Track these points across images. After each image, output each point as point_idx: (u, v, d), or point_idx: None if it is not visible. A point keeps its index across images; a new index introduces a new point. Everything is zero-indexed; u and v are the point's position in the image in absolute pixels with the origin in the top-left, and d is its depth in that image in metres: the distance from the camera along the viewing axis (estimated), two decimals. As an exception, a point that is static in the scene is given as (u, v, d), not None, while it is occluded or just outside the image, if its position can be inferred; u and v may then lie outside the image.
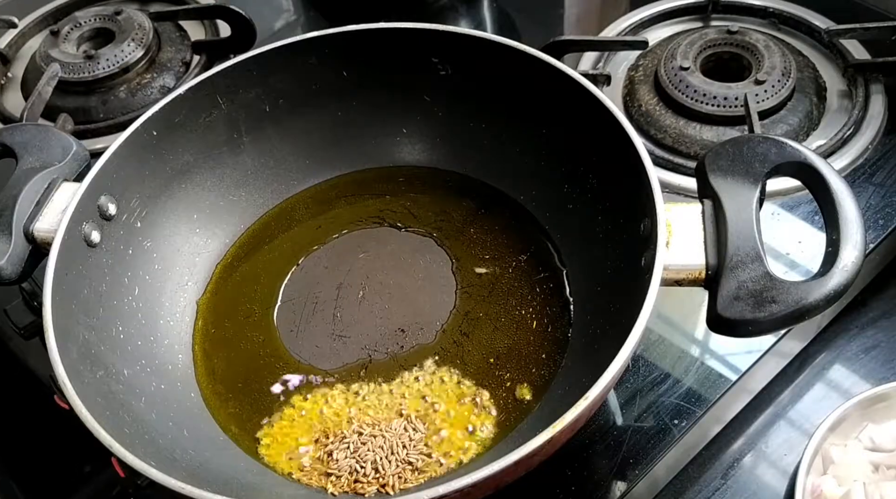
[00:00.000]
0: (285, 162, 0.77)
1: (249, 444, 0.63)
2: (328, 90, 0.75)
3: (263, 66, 0.72)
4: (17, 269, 0.62)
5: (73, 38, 0.95)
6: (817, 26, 0.87)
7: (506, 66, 0.69)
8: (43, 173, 0.64)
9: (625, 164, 0.59)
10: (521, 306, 0.68)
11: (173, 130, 0.70)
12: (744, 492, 0.64)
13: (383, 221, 0.76)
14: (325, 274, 0.73)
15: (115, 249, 0.66)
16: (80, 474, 0.67)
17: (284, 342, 0.69)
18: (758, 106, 0.76)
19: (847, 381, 0.70)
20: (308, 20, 1.06)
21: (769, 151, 0.56)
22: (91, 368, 0.58)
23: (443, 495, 0.46)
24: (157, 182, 0.70)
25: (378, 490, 0.59)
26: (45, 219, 0.62)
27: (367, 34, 0.72)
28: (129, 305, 0.66)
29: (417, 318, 0.69)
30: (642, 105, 0.82)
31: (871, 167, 0.76)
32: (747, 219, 0.54)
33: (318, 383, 0.66)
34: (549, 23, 1.00)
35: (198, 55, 0.96)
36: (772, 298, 0.50)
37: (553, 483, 0.60)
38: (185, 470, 0.55)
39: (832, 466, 0.60)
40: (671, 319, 0.69)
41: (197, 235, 0.74)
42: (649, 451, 0.62)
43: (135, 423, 0.57)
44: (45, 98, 0.85)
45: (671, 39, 0.87)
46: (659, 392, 0.65)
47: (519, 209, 0.74)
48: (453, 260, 0.72)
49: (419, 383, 0.64)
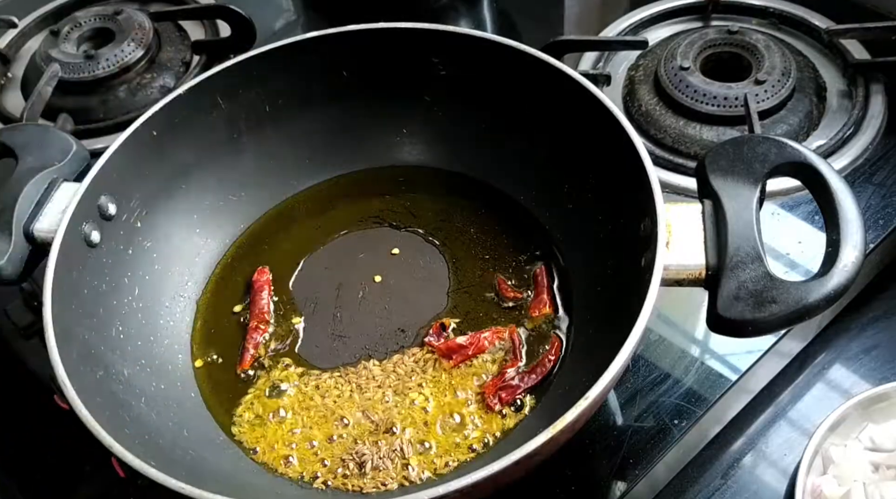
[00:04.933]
0: (285, 162, 0.77)
1: (249, 443, 0.63)
2: (328, 90, 0.75)
3: (263, 66, 0.72)
4: (17, 269, 0.62)
5: (73, 38, 0.95)
6: (817, 26, 0.87)
7: (506, 67, 0.69)
8: (43, 173, 0.64)
9: (625, 164, 0.59)
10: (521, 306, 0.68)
11: (173, 130, 0.70)
12: (744, 492, 0.64)
13: (383, 221, 0.76)
14: (325, 274, 0.73)
15: (115, 249, 0.66)
16: (80, 474, 0.67)
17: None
18: (758, 106, 0.76)
19: (847, 381, 0.70)
20: (308, 20, 1.06)
21: (769, 151, 0.56)
22: (91, 368, 0.58)
23: (443, 495, 0.46)
24: (157, 182, 0.70)
25: (377, 488, 0.59)
26: (45, 219, 0.63)
27: (367, 34, 0.72)
28: (129, 305, 0.66)
29: (417, 318, 0.69)
30: (642, 105, 0.82)
31: (871, 167, 0.76)
32: (747, 219, 0.54)
33: (318, 382, 0.65)
34: (549, 23, 1.00)
35: (198, 55, 0.96)
36: (772, 298, 0.50)
37: (553, 483, 0.60)
38: (185, 470, 0.54)
39: (832, 466, 0.60)
40: (671, 319, 0.69)
41: (197, 235, 0.74)
42: (649, 451, 0.62)
43: (135, 423, 0.57)
44: (45, 98, 0.86)
45: (671, 39, 0.87)
46: (659, 392, 0.65)
47: (519, 209, 0.74)
48: (453, 260, 0.72)
49: (419, 383, 0.64)
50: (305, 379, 0.66)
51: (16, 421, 0.71)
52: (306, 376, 0.66)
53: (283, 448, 0.62)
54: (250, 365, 0.67)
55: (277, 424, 0.63)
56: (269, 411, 0.64)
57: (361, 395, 0.64)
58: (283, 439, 0.62)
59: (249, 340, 0.68)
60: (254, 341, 0.68)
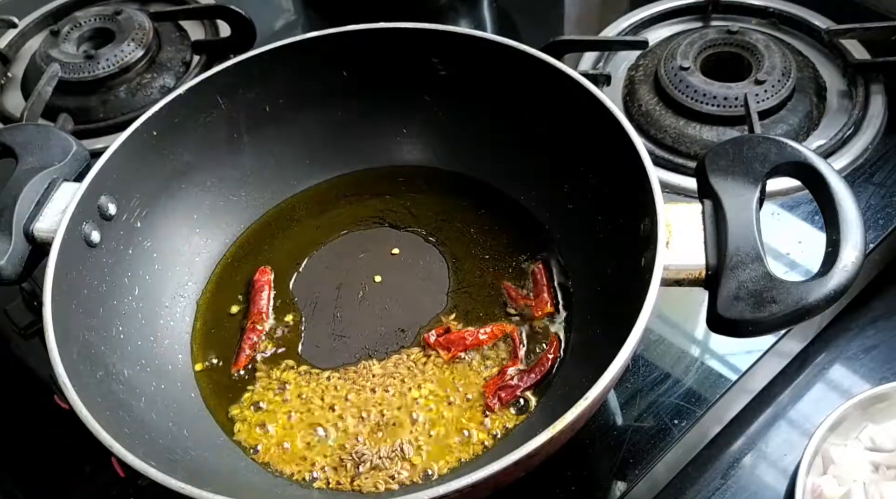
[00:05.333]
0: (285, 162, 0.77)
1: (249, 443, 0.63)
2: (328, 90, 0.75)
3: (263, 65, 0.72)
4: (17, 269, 0.62)
5: (73, 38, 0.95)
6: (817, 26, 0.87)
7: (506, 67, 0.69)
8: (43, 173, 0.64)
9: (625, 164, 0.59)
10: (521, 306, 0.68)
11: (173, 130, 0.70)
12: (744, 492, 0.64)
13: (383, 221, 0.76)
14: (325, 274, 0.73)
15: (115, 249, 0.66)
16: (80, 474, 0.67)
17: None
18: (758, 106, 0.76)
19: (847, 381, 0.70)
20: (308, 20, 1.06)
21: (769, 151, 0.56)
22: (91, 368, 0.58)
23: (443, 495, 0.46)
24: (157, 182, 0.70)
25: (377, 488, 0.59)
26: (45, 219, 0.63)
27: (367, 34, 0.72)
28: (129, 305, 0.66)
29: (417, 318, 0.69)
30: (642, 105, 0.82)
31: (871, 167, 0.76)
32: (747, 219, 0.54)
33: (319, 382, 0.65)
34: (549, 23, 1.00)
35: (198, 55, 0.96)
36: (772, 298, 0.50)
37: (553, 483, 0.60)
38: (185, 470, 0.55)
39: (832, 466, 0.60)
40: (671, 319, 0.69)
41: (197, 235, 0.74)
42: (649, 451, 0.62)
43: (135, 423, 0.57)
44: (45, 98, 0.86)
45: (671, 39, 0.87)
46: (659, 392, 0.65)
47: (519, 209, 0.74)
48: (453, 260, 0.72)
49: (419, 383, 0.64)
50: (305, 379, 0.66)
51: (16, 421, 0.71)
52: (306, 375, 0.66)
53: (283, 448, 0.62)
54: (245, 365, 0.67)
55: (277, 423, 0.63)
56: (269, 411, 0.64)
57: (361, 395, 0.64)
58: (284, 439, 0.62)
59: (245, 341, 0.68)
60: (250, 341, 0.68)
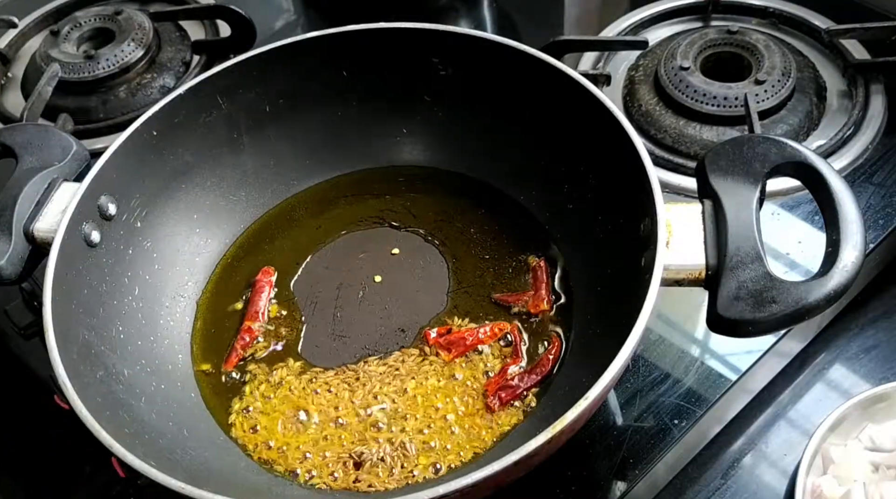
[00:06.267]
0: (285, 162, 0.77)
1: (249, 443, 0.63)
2: (328, 90, 0.75)
3: (263, 66, 0.72)
4: (17, 269, 0.62)
5: (73, 38, 0.95)
6: (817, 26, 0.87)
7: (506, 67, 0.69)
8: (43, 173, 0.64)
9: (625, 164, 0.59)
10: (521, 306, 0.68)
11: (173, 130, 0.70)
12: (744, 492, 0.64)
13: (383, 221, 0.76)
14: (325, 274, 0.73)
15: (115, 249, 0.66)
16: (80, 474, 0.67)
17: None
18: (758, 106, 0.76)
19: (847, 381, 0.70)
20: (308, 20, 1.06)
21: (769, 150, 0.56)
22: (91, 368, 0.58)
23: (443, 495, 0.46)
24: (157, 182, 0.70)
25: (377, 488, 0.59)
26: (45, 219, 0.63)
27: (367, 34, 0.72)
28: (129, 305, 0.66)
29: (417, 318, 0.69)
30: (642, 105, 0.82)
31: (871, 167, 0.76)
32: (747, 219, 0.54)
33: (319, 382, 0.65)
34: (549, 23, 1.00)
35: (198, 55, 0.96)
36: (772, 298, 0.50)
37: (553, 483, 0.60)
38: (185, 470, 0.55)
39: (832, 466, 0.60)
40: (671, 319, 0.69)
41: (197, 235, 0.74)
42: (649, 451, 0.62)
43: (135, 423, 0.57)
44: (45, 98, 0.86)
45: (671, 39, 0.87)
46: (659, 392, 0.65)
47: (519, 209, 0.74)
48: (453, 260, 0.72)
49: (419, 383, 0.64)
50: (306, 378, 0.66)
51: (16, 421, 0.71)
52: (306, 375, 0.66)
53: (283, 448, 0.62)
54: (236, 364, 0.67)
55: (277, 423, 0.63)
56: (269, 411, 0.64)
57: (361, 394, 0.64)
58: (284, 439, 0.62)
59: (238, 340, 0.68)
60: (242, 341, 0.68)
